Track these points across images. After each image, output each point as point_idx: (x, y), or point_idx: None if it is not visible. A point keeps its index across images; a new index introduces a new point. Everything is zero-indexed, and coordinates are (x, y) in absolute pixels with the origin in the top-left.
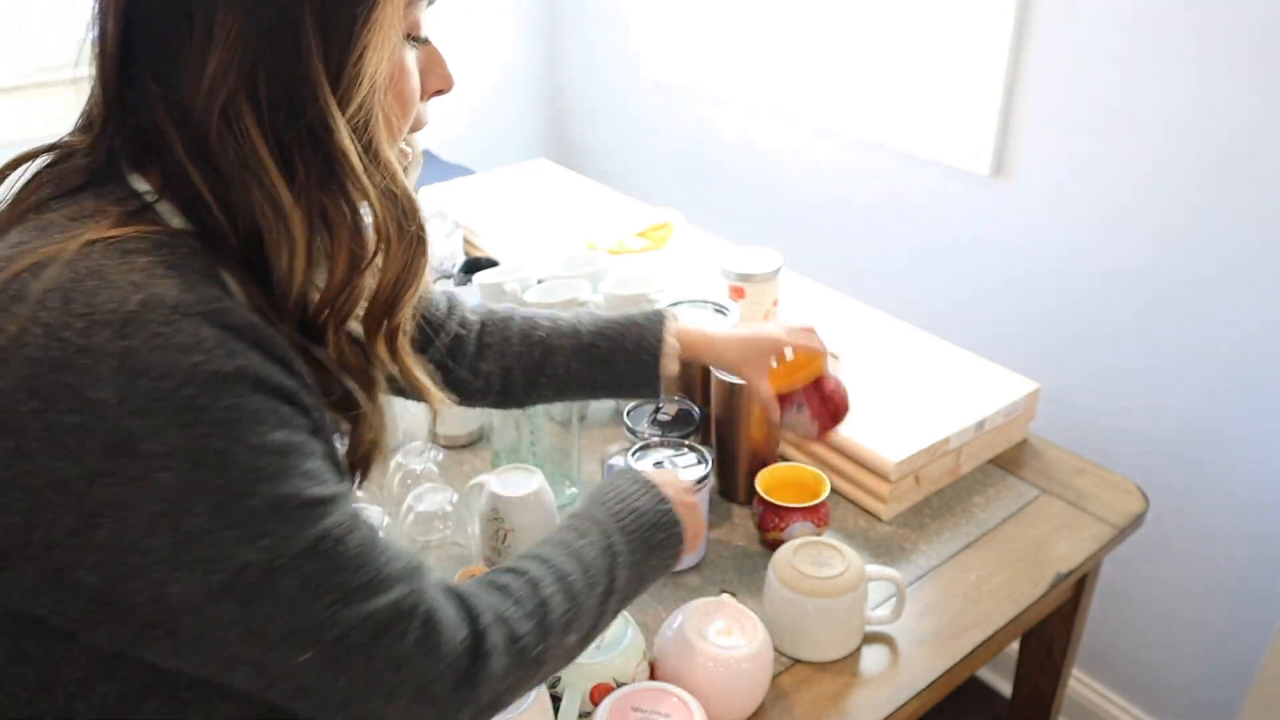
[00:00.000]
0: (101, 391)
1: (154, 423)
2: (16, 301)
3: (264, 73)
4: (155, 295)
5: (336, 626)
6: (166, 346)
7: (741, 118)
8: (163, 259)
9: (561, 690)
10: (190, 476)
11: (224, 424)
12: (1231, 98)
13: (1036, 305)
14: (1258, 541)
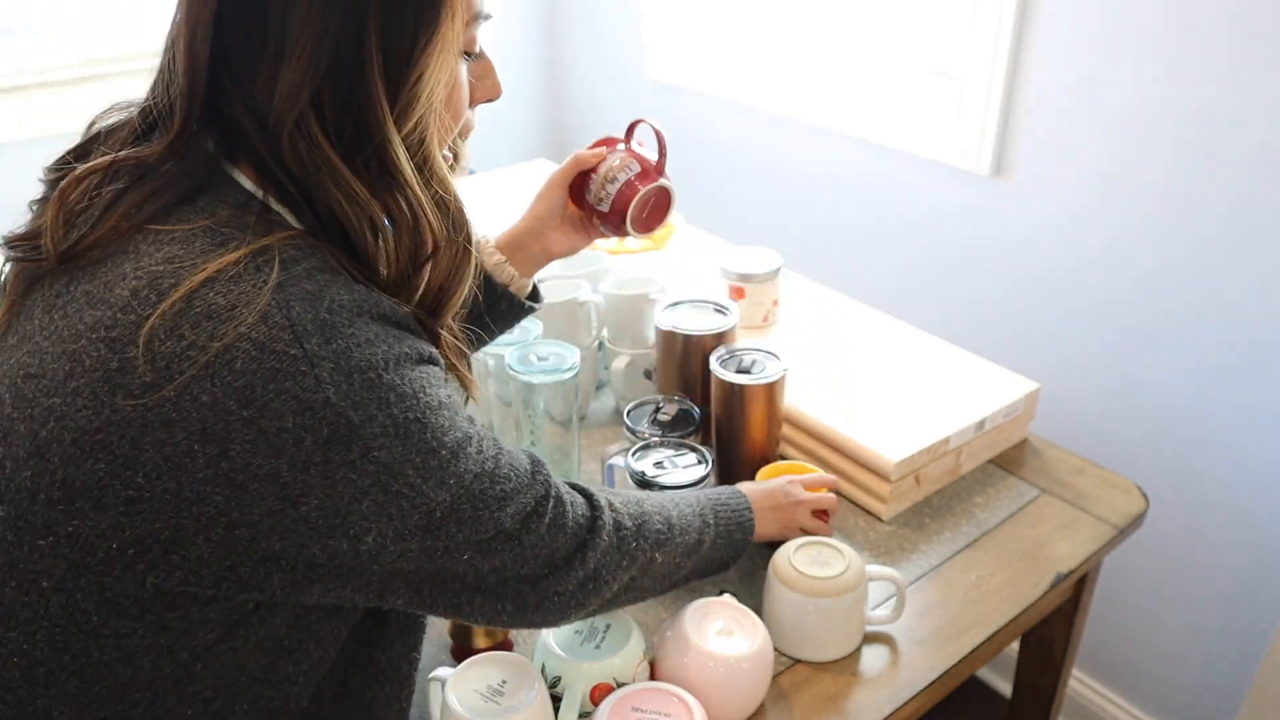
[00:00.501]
0: (324, 392)
1: (368, 410)
2: (208, 319)
3: (330, 91)
4: (334, 300)
5: (495, 525)
6: (361, 344)
7: (742, 117)
8: (315, 264)
9: (561, 690)
10: (399, 448)
11: (412, 395)
12: (1233, 99)
13: (1036, 305)
14: (1258, 541)
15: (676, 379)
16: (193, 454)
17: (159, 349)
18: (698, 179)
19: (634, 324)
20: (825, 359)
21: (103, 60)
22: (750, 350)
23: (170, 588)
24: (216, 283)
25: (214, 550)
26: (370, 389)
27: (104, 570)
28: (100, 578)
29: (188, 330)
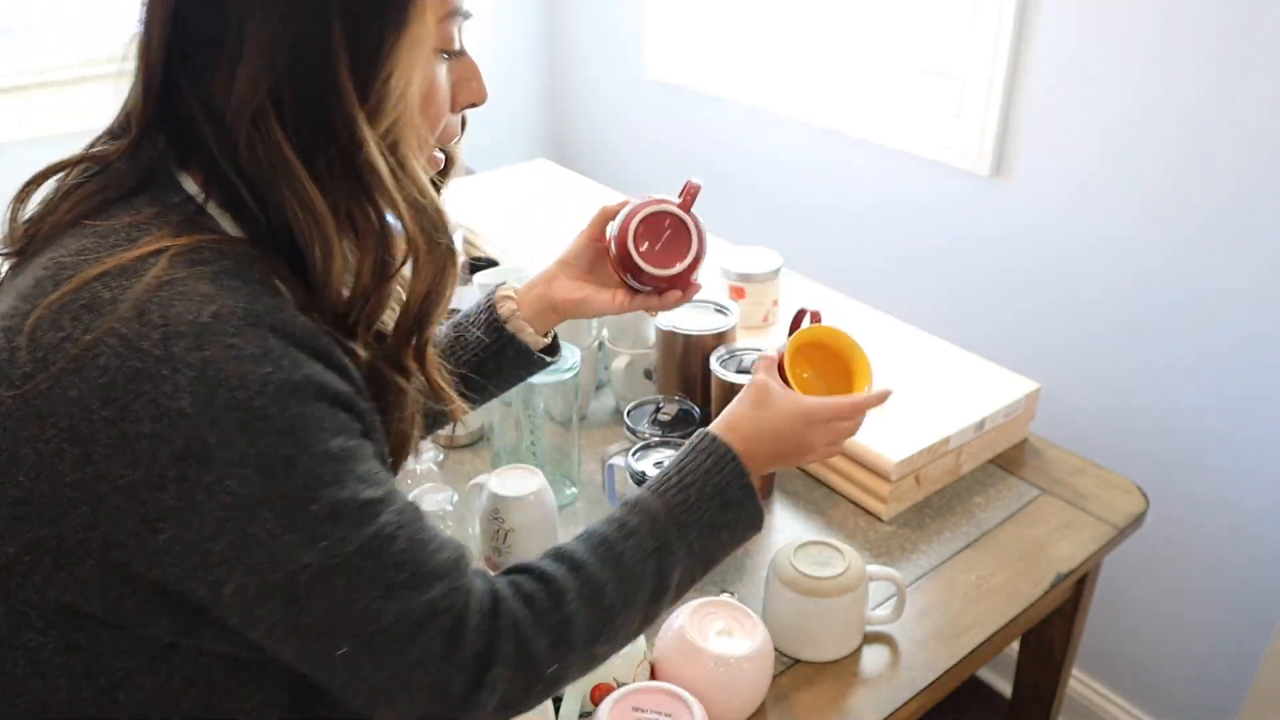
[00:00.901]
0: (179, 400)
1: (228, 431)
2: (88, 311)
3: (291, 87)
4: (226, 306)
5: (377, 621)
6: (240, 357)
7: (741, 118)
8: (226, 268)
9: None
10: (258, 484)
11: (290, 432)
12: (1234, 98)
13: (1036, 305)
14: (1258, 541)
15: (676, 379)
16: (62, 454)
17: (40, 339)
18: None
19: (634, 324)
20: None
21: (103, 60)
22: (750, 350)
23: (70, 603)
24: (108, 276)
25: (99, 571)
26: (234, 409)
27: (6, 576)
28: (5, 583)
29: (67, 321)
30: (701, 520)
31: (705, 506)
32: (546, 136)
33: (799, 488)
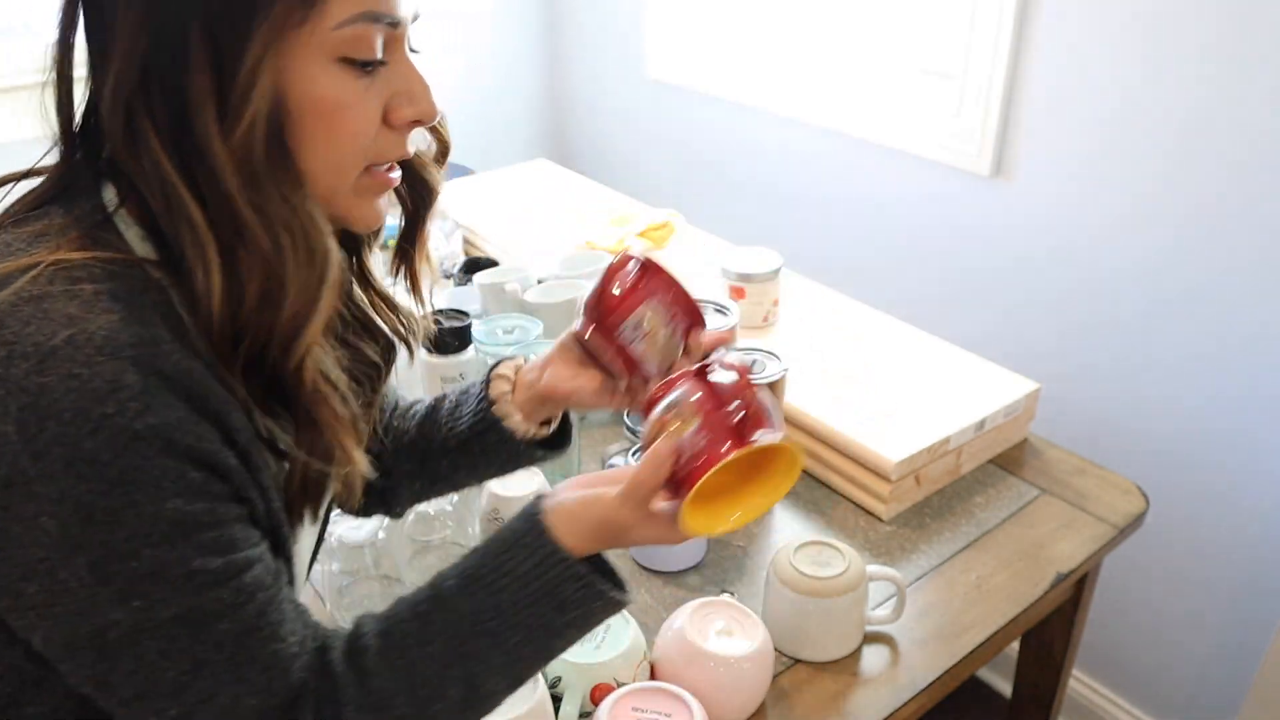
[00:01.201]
0: (6, 426)
1: (51, 467)
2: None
3: (156, 83)
4: (84, 332)
5: (178, 699)
6: (81, 390)
7: (741, 117)
8: (112, 289)
9: (562, 690)
10: (75, 529)
11: (120, 483)
12: (1235, 97)
13: (1036, 305)
14: (1258, 541)
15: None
16: None
17: None
18: (698, 179)
19: None
20: (825, 359)
21: None
22: (750, 350)
23: None
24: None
25: None
26: (61, 445)
27: None
28: None
29: None
30: (524, 624)
31: (528, 612)
32: (546, 136)
33: (799, 488)
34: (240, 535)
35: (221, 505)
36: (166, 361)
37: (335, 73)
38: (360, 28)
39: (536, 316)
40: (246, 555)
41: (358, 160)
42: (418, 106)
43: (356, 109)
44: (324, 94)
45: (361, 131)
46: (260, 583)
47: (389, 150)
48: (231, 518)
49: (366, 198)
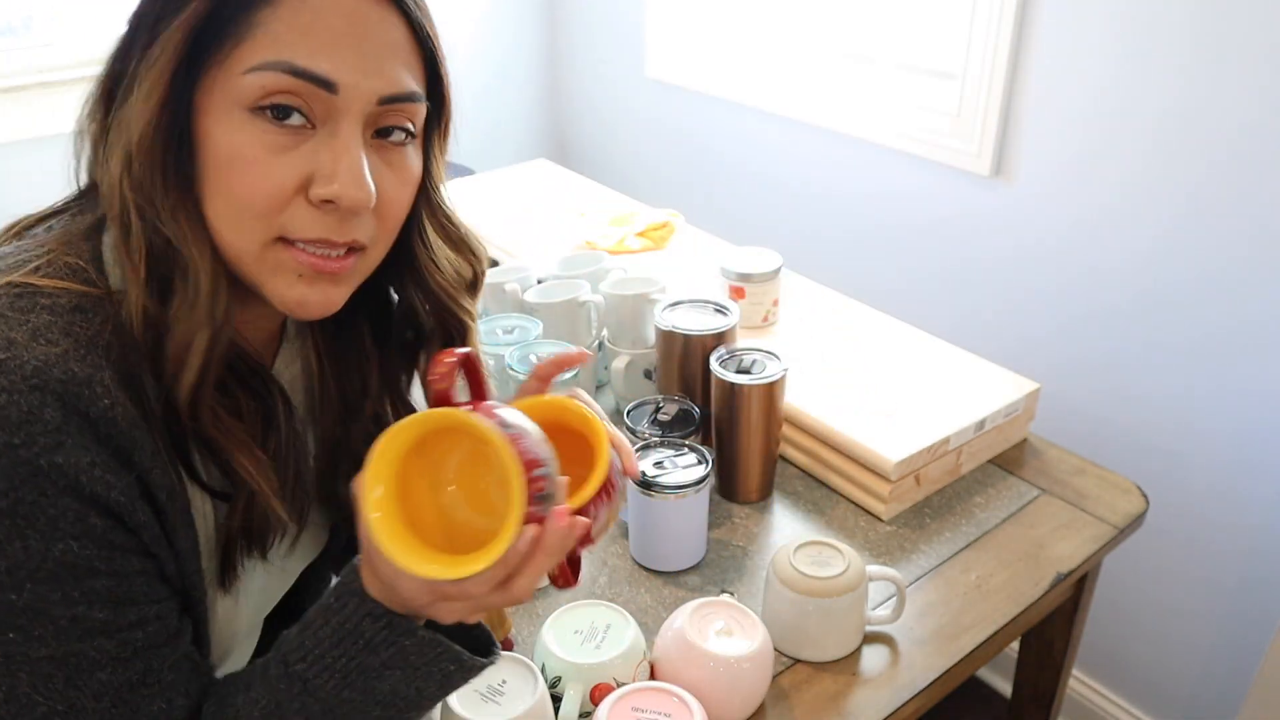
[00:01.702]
0: None
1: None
2: None
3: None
4: (18, 359)
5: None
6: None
7: (741, 118)
8: (68, 323)
9: (562, 690)
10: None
11: (10, 515)
12: (1232, 97)
13: (1036, 305)
14: (1257, 541)
15: (676, 379)
16: None
17: None
18: (697, 179)
19: (634, 324)
20: (825, 359)
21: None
22: (750, 350)
23: None
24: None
25: None
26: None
27: None
28: None
29: None
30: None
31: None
32: (546, 136)
33: (799, 488)
34: (139, 590)
35: (122, 556)
36: (95, 405)
37: (243, 122)
38: (271, 77)
39: (536, 316)
40: (141, 611)
41: (257, 223)
42: (333, 186)
43: (257, 166)
44: (224, 140)
45: (260, 190)
46: (153, 640)
47: (300, 226)
48: (132, 570)
49: (282, 275)
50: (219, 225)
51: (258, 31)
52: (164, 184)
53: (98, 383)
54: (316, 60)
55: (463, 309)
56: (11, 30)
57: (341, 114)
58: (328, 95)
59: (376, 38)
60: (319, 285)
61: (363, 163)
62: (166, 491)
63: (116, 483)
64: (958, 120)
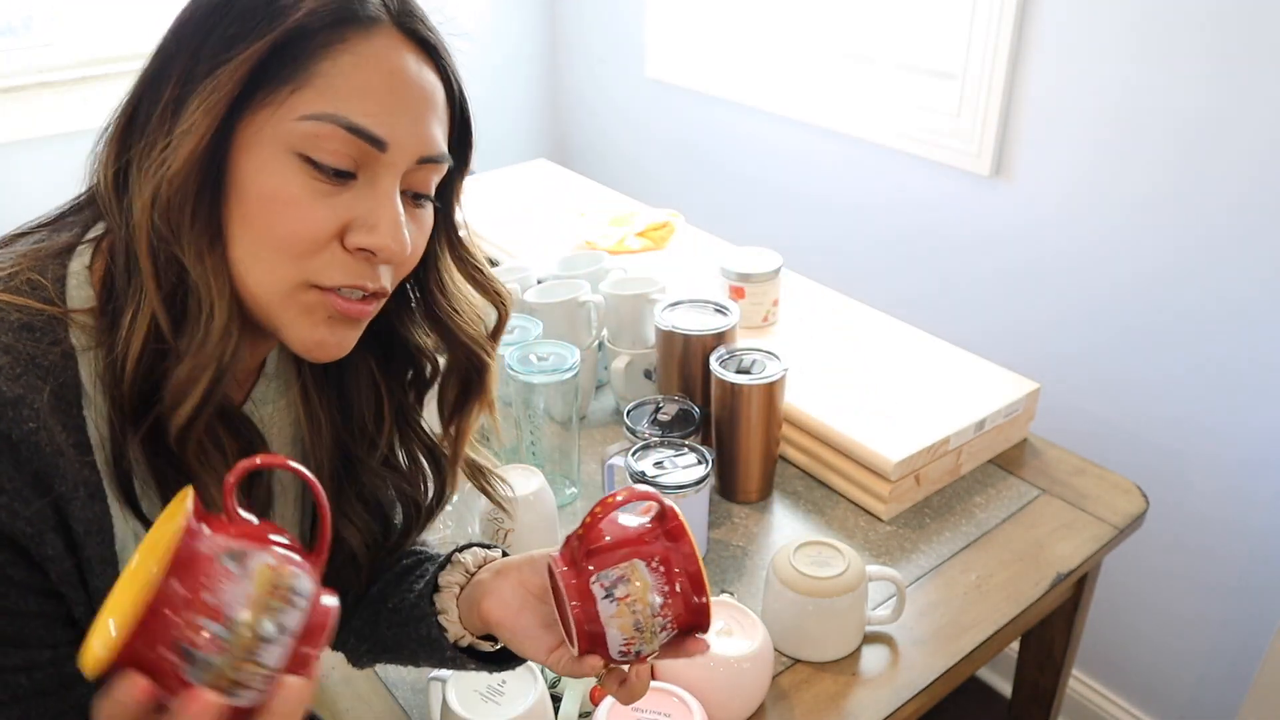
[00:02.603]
0: None
1: None
2: None
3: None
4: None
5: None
6: None
7: (741, 117)
8: (10, 342)
9: (561, 690)
10: None
11: None
12: (1235, 96)
13: (1037, 305)
14: (1257, 541)
15: (676, 379)
16: None
17: None
18: (697, 179)
19: (634, 324)
20: (825, 359)
21: (103, 60)
22: (750, 350)
23: None
24: None
25: None
26: None
27: None
28: None
29: None
30: None
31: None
32: (546, 136)
33: (799, 488)
34: (31, 632)
35: (17, 593)
36: (19, 427)
37: (287, 165)
38: (325, 128)
39: (536, 316)
40: (29, 655)
41: (290, 264)
42: (375, 237)
43: (297, 209)
44: (267, 181)
45: (298, 233)
46: (41, 687)
47: (333, 272)
48: (27, 610)
49: (308, 317)
50: (248, 264)
51: (317, 80)
52: (193, 217)
53: (26, 404)
54: (371, 120)
55: (483, 349)
56: (11, 30)
57: (384, 168)
58: (375, 151)
59: (423, 99)
60: (339, 329)
61: (402, 216)
62: (87, 525)
63: (23, 511)
64: (958, 120)
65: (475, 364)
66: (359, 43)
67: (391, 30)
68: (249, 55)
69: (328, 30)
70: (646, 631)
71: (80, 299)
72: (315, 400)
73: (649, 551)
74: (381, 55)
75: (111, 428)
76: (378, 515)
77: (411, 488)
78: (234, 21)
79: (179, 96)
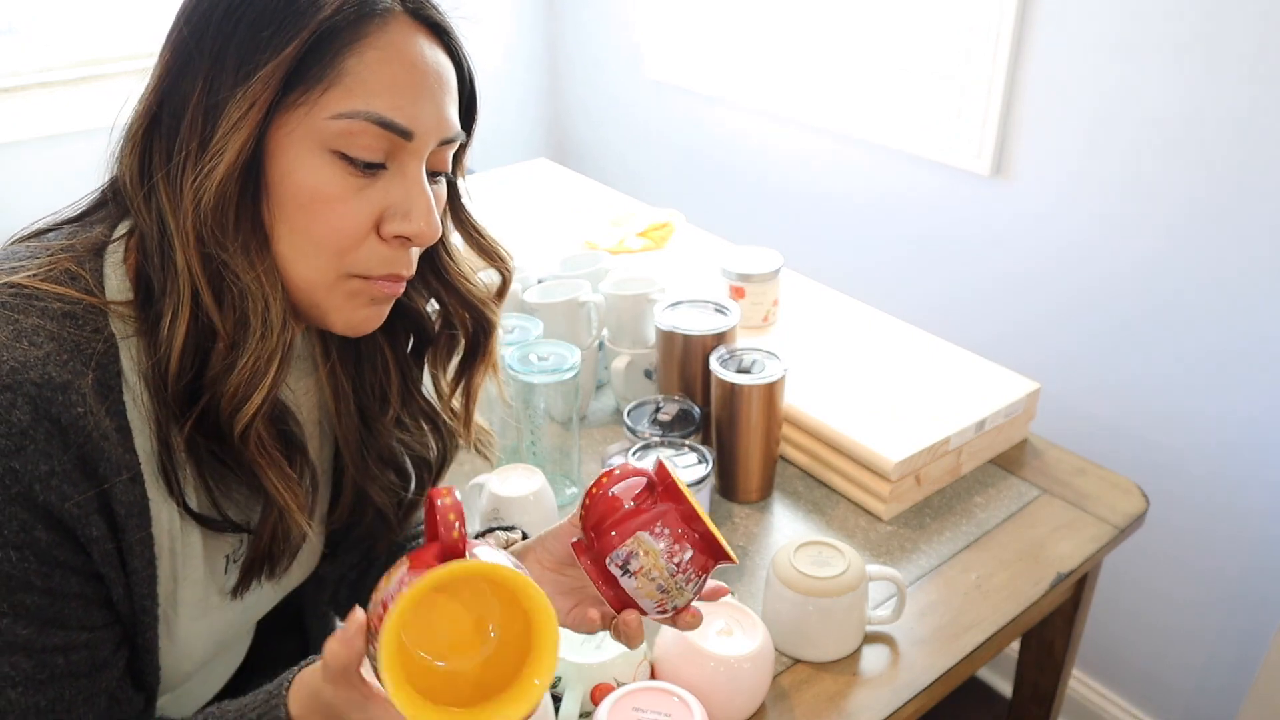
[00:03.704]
0: None
1: None
2: None
3: (163, 124)
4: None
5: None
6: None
7: (741, 117)
8: (55, 330)
9: (562, 690)
10: None
11: None
12: (1233, 97)
13: (1036, 305)
14: (1257, 541)
15: (676, 379)
16: None
17: None
18: (697, 179)
19: (634, 324)
20: (825, 359)
21: (103, 60)
22: (750, 350)
23: None
24: None
25: None
26: None
27: None
28: None
29: None
30: None
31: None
32: (546, 136)
33: (799, 488)
34: (72, 613)
35: (61, 575)
36: (68, 412)
37: (323, 162)
38: (358, 125)
39: (536, 316)
40: (68, 636)
41: (334, 259)
42: (411, 224)
43: (337, 206)
44: (305, 180)
45: (339, 230)
46: (75, 668)
47: (375, 264)
48: (69, 591)
49: (355, 301)
50: (292, 258)
51: (346, 79)
52: (237, 221)
53: (74, 389)
54: (398, 112)
55: (492, 311)
56: (11, 30)
57: (410, 155)
58: (404, 141)
59: (440, 84)
60: (379, 306)
61: (432, 200)
62: (128, 508)
63: (73, 493)
64: (958, 120)
65: (483, 325)
66: (378, 36)
67: (404, 18)
68: (283, 59)
69: (351, 27)
70: (672, 590)
71: (118, 291)
72: (340, 375)
73: (648, 520)
74: (401, 46)
75: (154, 416)
76: (401, 473)
77: (421, 446)
78: (259, 22)
79: (212, 103)
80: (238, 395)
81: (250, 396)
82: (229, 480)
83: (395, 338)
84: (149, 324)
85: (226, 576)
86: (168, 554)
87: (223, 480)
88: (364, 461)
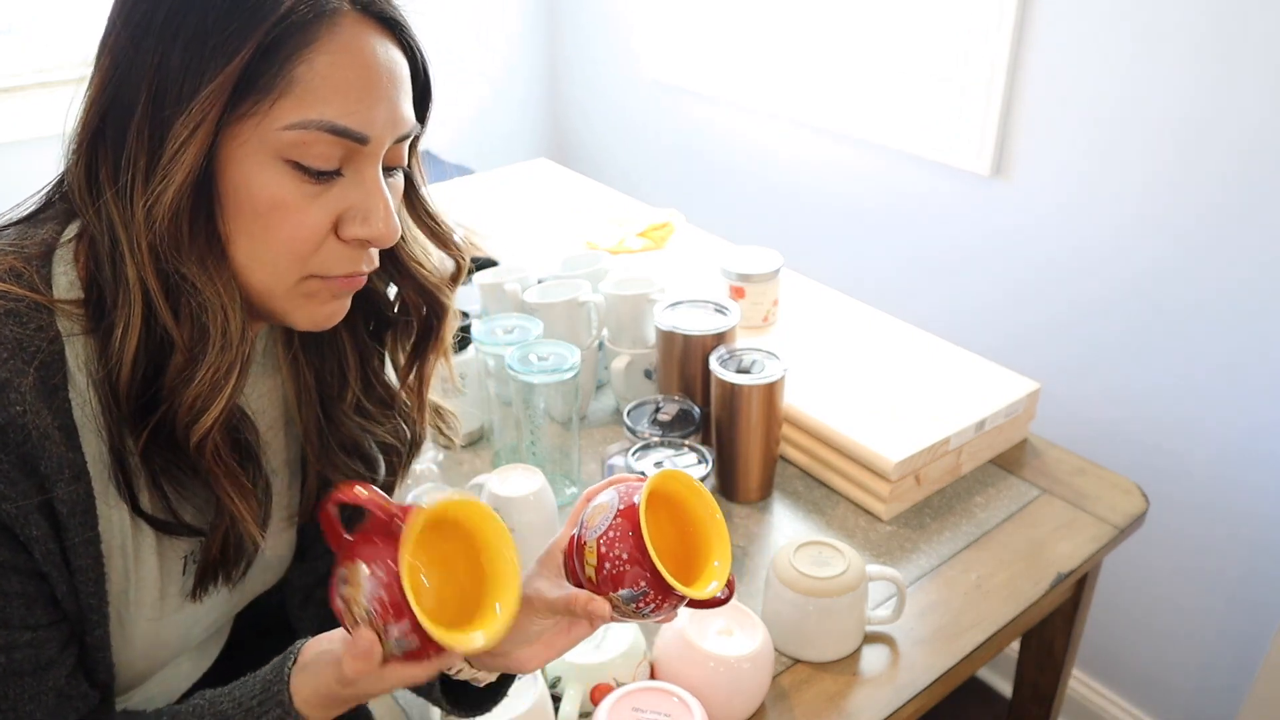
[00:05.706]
0: None
1: None
2: None
3: (109, 134)
4: None
5: None
6: None
7: (741, 117)
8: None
9: (562, 690)
10: None
11: None
12: (1236, 96)
13: (1036, 305)
14: (1257, 541)
15: (676, 379)
16: None
17: None
18: (697, 179)
19: (634, 324)
20: (825, 359)
21: None
22: (750, 350)
23: None
24: None
25: None
26: None
27: None
28: None
29: None
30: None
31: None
32: (546, 136)
33: (799, 488)
34: (13, 612)
35: (1, 574)
36: (5, 411)
37: (278, 172)
38: (311, 134)
39: (536, 316)
40: (10, 635)
41: (293, 265)
42: (370, 228)
43: (294, 214)
44: (260, 191)
45: (297, 237)
46: (18, 667)
47: (334, 264)
48: (11, 591)
49: (316, 300)
50: (250, 266)
51: (297, 87)
52: (191, 234)
53: (13, 388)
54: (352, 118)
55: (446, 295)
56: (11, 30)
57: (366, 158)
58: (358, 145)
59: (394, 83)
60: (340, 301)
61: (390, 202)
62: (71, 506)
63: (10, 493)
64: (958, 120)
65: (436, 310)
66: (328, 40)
67: (353, 15)
68: (230, 72)
69: (299, 32)
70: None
71: (67, 290)
72: (303, 364)
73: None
74: (352, 47)
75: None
76: (364, 461)
77: (387, 433)
78: (202, 29)
79: (158, 119)
80: (195, 406)
81: (209, 408)
82: (185, 484)
83: (354, 321)
84: (99, 327)
85: (185, 578)
86: (119, 553)
87: (178, 484)
88: (327, 450)
